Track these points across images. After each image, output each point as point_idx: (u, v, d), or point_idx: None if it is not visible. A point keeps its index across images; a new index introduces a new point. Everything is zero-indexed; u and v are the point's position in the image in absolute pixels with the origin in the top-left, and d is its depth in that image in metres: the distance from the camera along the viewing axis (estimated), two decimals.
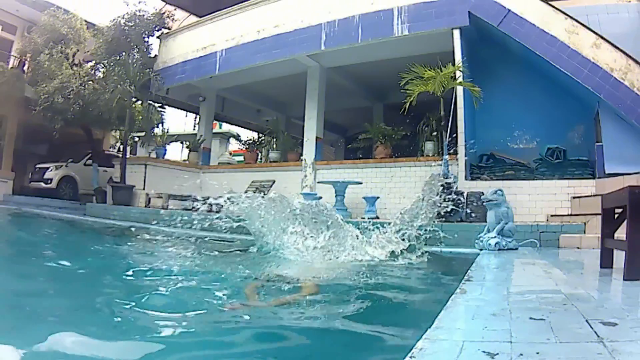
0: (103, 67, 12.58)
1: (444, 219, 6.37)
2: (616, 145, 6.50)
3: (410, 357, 1.21)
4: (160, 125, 12.21)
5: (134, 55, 12.01)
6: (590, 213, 5.62)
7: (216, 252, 4.62)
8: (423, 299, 2.97)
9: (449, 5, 7.87)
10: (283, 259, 4.18)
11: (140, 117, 11.78)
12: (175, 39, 12.28)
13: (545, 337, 1.40)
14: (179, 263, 3.60)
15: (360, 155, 10.52)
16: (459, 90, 7.39)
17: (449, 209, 5.53)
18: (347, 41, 8.87)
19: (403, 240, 4.72)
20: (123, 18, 12.04)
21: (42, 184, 12.48)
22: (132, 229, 6.86)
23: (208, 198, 4.22)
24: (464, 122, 7.36)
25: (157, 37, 12.62)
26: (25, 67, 13.36)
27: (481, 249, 4.91)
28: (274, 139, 11.97)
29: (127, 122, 11.04)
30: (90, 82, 11.75)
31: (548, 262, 3.81)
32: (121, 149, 12.70)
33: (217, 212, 4.17)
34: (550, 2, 7.25)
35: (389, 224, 4.99)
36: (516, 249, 4.95)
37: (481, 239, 5.07)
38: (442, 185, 5.98)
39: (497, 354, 1.22)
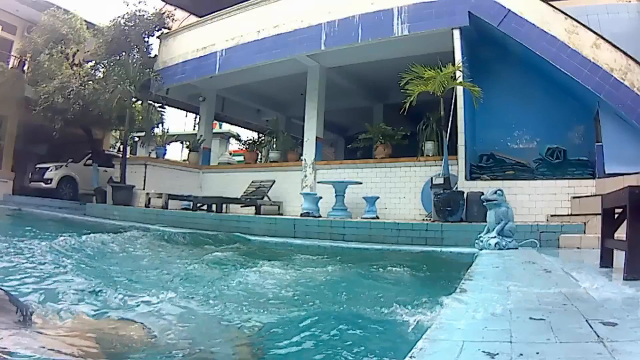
0: (103, 67, 12.58)
1: (444, 219, 6.39)
2: (616, 145, 6.49)
3: (410, 357, 1.21)
4: (160, 125, 12.21)
5: (134, 55, 12.01)
6: (590, 213, 5.62)
7: None
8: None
9: (449, 5, 7.86)
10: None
11: (140, 117, 11.78)
12: (175, 39, 12.28)
13: (545, 337, 1.40)
14: None
15: (360, 155, 10.51)
16: (459, 90, 7.38)
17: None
18: (347, 41, 8.86)
19: None
20: (123, 18, 12.04)
21: (42, 184, 12.48)
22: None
23: None
24: (464, 122, 7.35)
25: (157, 37, 12.62)
26: (25, 67, 13.36)
27: (481, 249, 4.91)
28: (274, 139, 11.96)
29: (127, 122, 11.03)
30: (90, 82, 11.75)
31: (548, 262, 3.81)
32: (121, 149, 12.70)
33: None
34: (550, 2, 7.24)
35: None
36: (516, 248, 4.95)
37: (481, 238, 5.08)
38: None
39: (497, 354, 1.22)
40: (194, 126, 16.17)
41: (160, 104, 12.02)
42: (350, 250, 5.74)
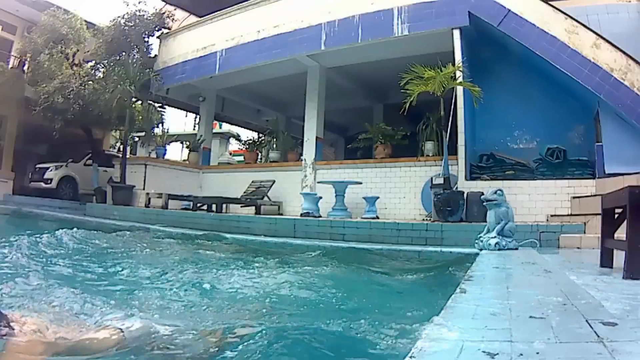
0: (103, 67, 12.58)
1: (444, 219, 6.39)
2: (616, 145, 6.49)
3: (410, 357, 1.20)
4: (160, 125, 12.21)
5: (134, 55, 12.01)
6: (590, 213, 5.62)
7: None
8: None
9: (449, 5, 7.86)
10: None
11: (140, 117, 11.78)
12: (175, 39, 12.28)
13: (545, 337, 1.40)
14: None
15: (360, 155, 10.51)
16: (459, 90, 7.38)
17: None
18: (347, 41, 8.86)
19: None
20: (123, 18, 12.04)
21: (42, 184, 12.48)
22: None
23: None
24: (464, 122, 7.35)
25: (157, 37, 12.62)
26: (25, 67, 13.35)
27: (481, 249, 4.91)
28: (274, 139, 11.97)
29: (127, 122, 11.04)
30: (90, 82, 11.75)
31: (548, 262, 3.81)
32: (121, 149, 12.70)
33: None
34: (550, 2, 7.24)
35: None
36: (516, 248, 4.95)
37: (481, 239, 5.07)
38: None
39: (497, 354, 1.22)
40: (194, 126, 16.18)
41: (160, 104, 12.03)
42: (350, 250, 5.73)
